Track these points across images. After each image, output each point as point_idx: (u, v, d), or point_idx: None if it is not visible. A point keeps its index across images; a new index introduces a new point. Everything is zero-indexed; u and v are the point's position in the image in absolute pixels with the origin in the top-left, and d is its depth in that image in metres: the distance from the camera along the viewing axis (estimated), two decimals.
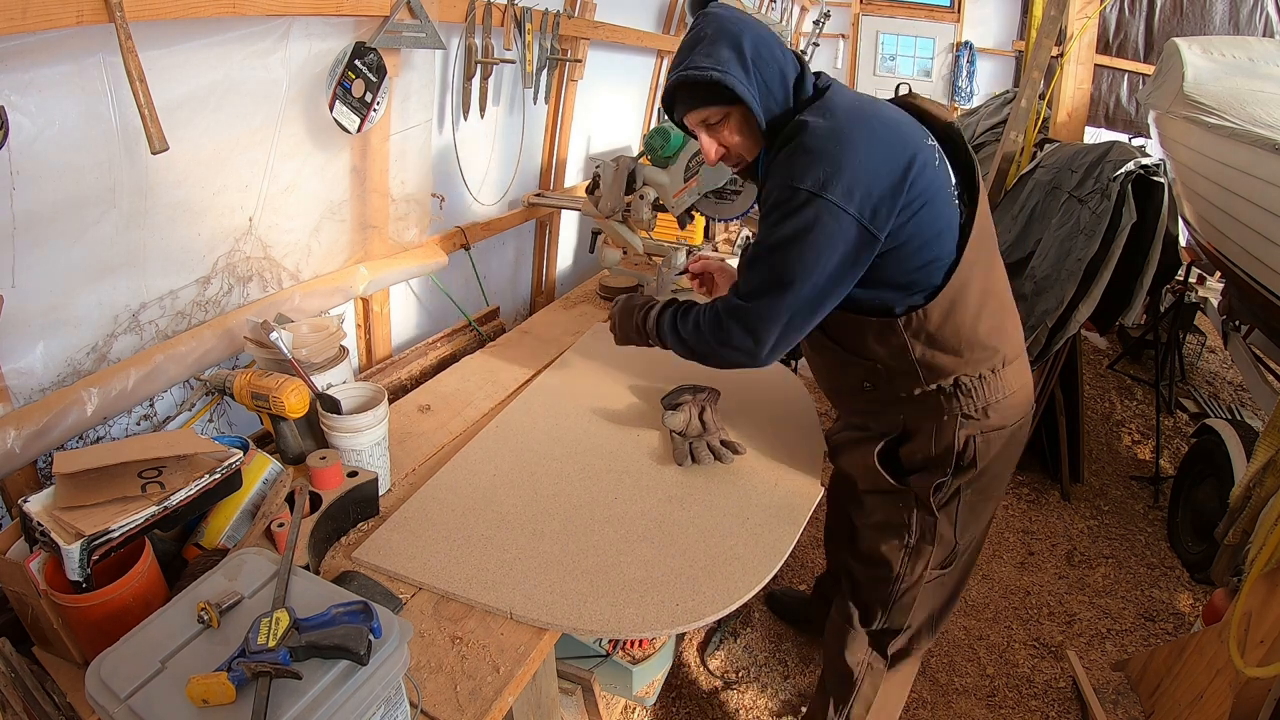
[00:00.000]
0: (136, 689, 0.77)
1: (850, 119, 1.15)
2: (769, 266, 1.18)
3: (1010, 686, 2.13)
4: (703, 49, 1.17)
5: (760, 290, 1.20)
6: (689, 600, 1.16)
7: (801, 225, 1.12)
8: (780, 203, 1.15)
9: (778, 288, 1.17)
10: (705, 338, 1.29)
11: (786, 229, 1.14)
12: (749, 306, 1.21)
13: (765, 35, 1.19)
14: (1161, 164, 2.45)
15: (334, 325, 1.49)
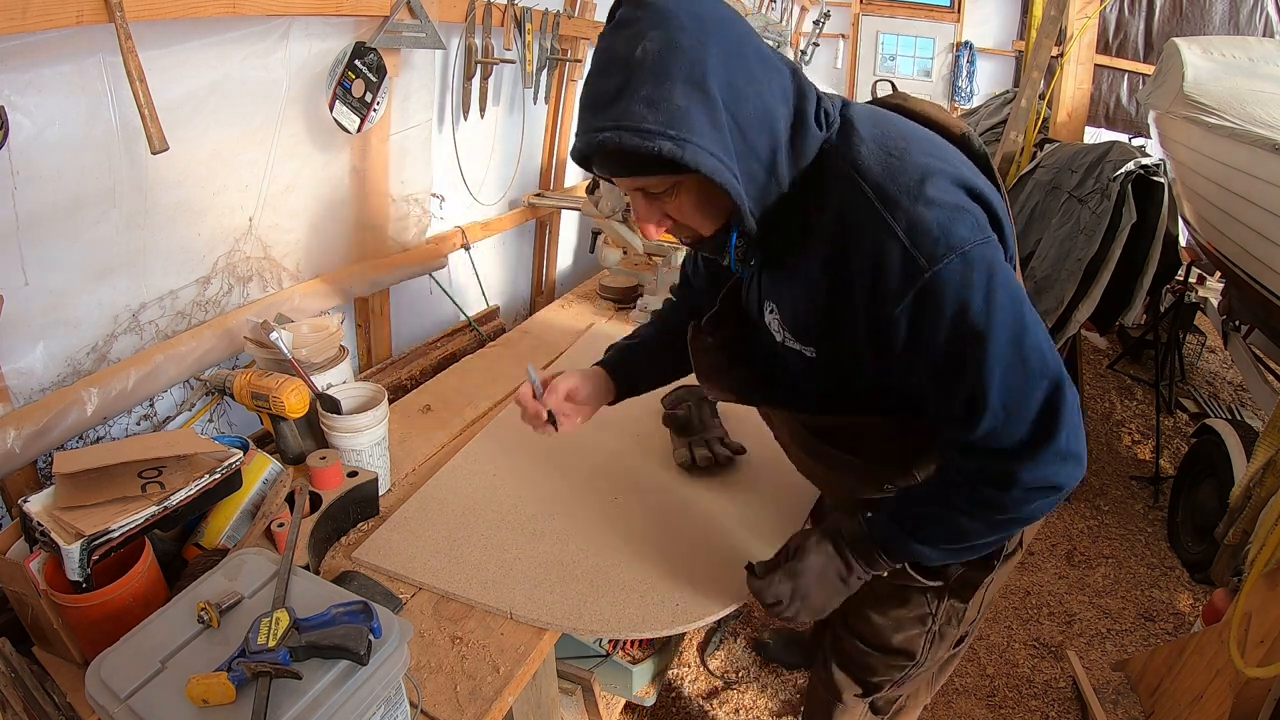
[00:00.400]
0: (136, 689, 0.77)
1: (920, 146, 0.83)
2: (1026, 388, 0.82)
3: (1010, 686, 2.13)
4: (641, 88, 0.73)
5: (1043, 415, 0.83)
6: (689, 600, 1.16)
7: (1006, 299, 0.79)
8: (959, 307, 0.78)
9: (1054, 390, 0.82)
10: (1015, 520, 0.90)
11: (1000, 326, 0.79)
12: (1051, 442, 0.83)
13: (739, 43, 0.78)
14: (1161, 164, 2.45)
15: (334, 325, 1.49)
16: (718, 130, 0.76)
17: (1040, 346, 0.82)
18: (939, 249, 0.77)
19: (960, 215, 0.79)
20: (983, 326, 0.79)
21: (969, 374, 0.81)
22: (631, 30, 0.75)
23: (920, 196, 0.78)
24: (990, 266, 0.79)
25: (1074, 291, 2.51)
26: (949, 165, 0.83)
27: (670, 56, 0.73)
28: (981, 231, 0.80)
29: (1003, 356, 0.80)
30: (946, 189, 0.80)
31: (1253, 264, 2.56)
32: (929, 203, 0.78)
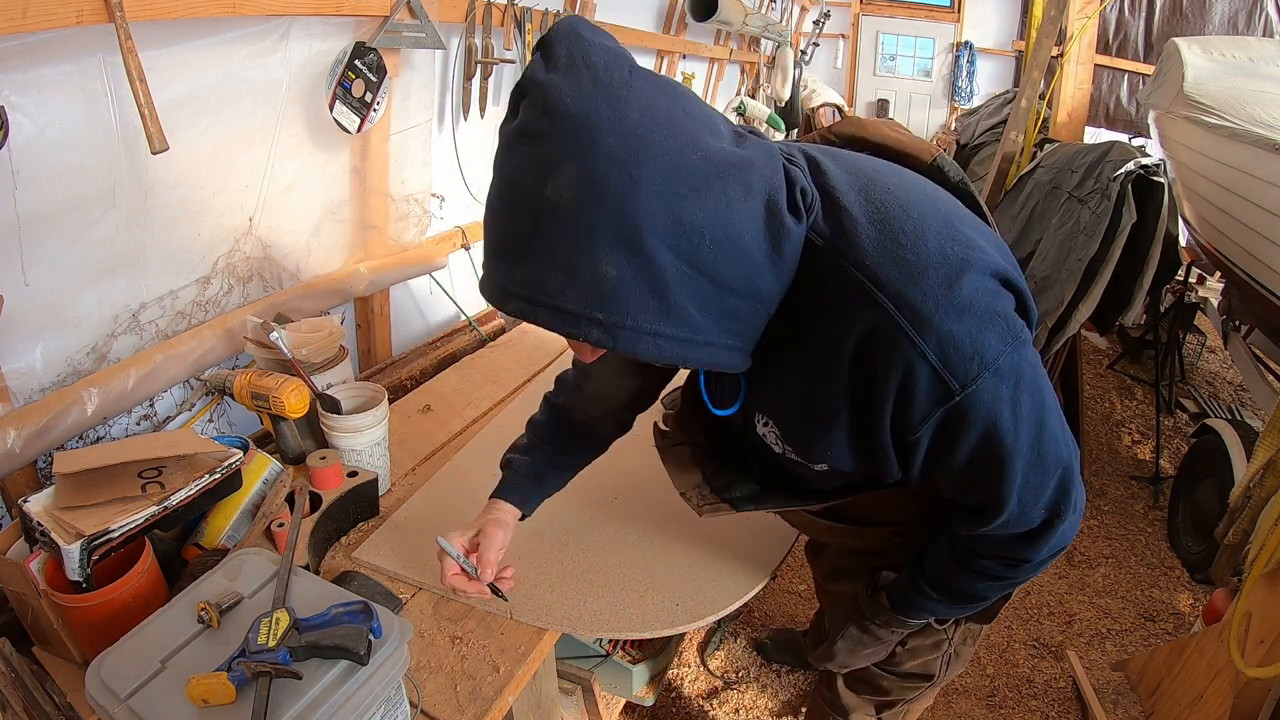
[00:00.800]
0: (136, 689, 0.77)
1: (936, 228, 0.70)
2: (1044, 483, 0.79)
3: (1010, 686, 2.13)
4: (555, 247, 0.58)
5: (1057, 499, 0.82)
6: (689, 600, 1.15)
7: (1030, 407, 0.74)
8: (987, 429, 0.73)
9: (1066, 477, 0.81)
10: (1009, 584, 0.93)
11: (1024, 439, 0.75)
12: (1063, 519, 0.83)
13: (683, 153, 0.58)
14: (1161, 164, 2.45)
15: (334, 325, 1.49)
16: (662, 299, 0.60)
17: (1056, 437, 0.78)
18: (972, 369, 0.68)
19: (993, 322, 0.69)
20: (1009, 441, 0.73)
21: (991, 483, 0.78)
22: (537, 153, 0.58)
23: (951, 307, 0.67)
24: (1018, 374, 0.72)
25: (1074, 291, 2.51)
26: (972, 249, 0.70)
27: (592, 206, 0.56)
28: (1012, 335, 0.70)
29: (1024, 463, 0.76)
30: (977, 289, 0.69)
31: (1253, 264, 2.56)
32: (960, 313, 0.67)
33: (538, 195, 0.57)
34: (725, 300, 0.64)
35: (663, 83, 0.62)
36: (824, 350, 0.73)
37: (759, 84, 5.16)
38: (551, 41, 0.60)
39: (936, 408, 0.70)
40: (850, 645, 1.09)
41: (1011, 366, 0.70)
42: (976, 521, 0.84)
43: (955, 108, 6.74)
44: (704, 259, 0.61)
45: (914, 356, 0.68)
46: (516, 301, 0.62)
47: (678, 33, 3.60)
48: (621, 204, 0.57)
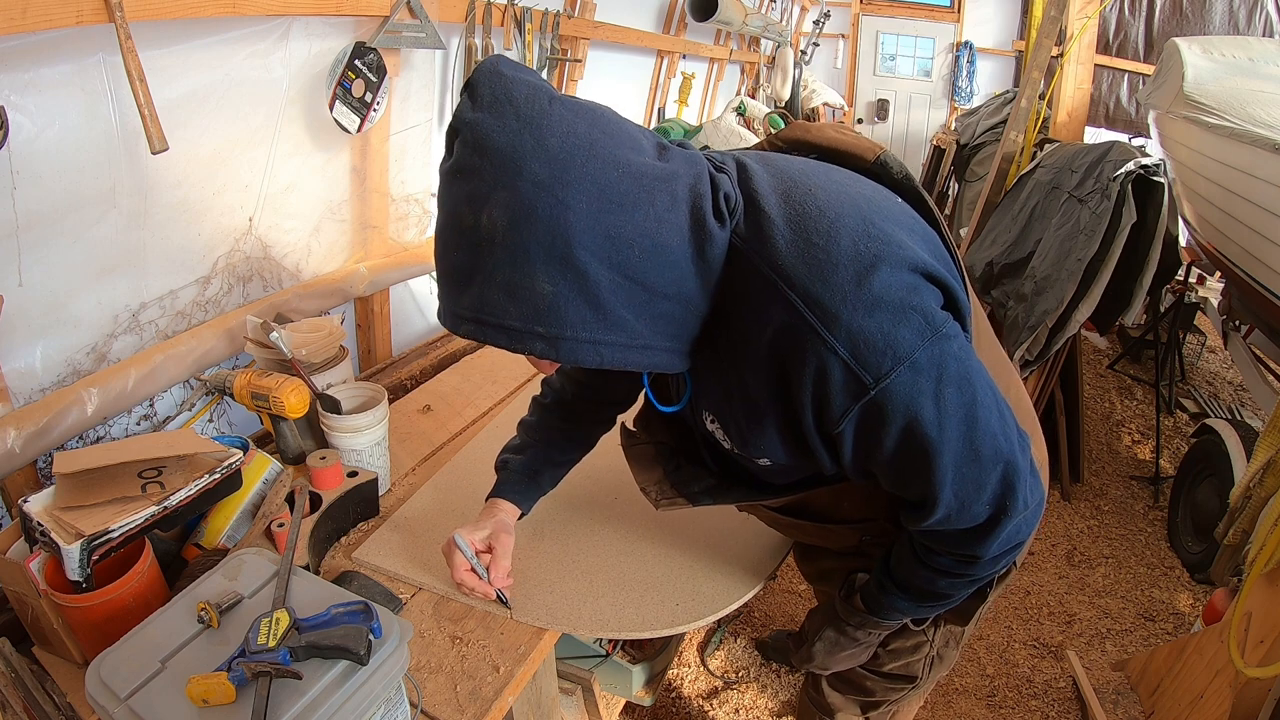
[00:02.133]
0: (136, 689, 0.77)
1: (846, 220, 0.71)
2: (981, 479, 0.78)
3: (1010, 686, 2.13)
4: (496, 270, 0.63)
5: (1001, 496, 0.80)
6: (689, 600, 1.15)
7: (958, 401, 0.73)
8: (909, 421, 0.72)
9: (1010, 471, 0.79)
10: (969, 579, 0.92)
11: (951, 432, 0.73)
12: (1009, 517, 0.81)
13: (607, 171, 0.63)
14: (1161, 164, 2.45)
15: (334, 325, 1.49)
16: (597, 309, 0.65)
17: (992, 431, 0.76)
18: (885, 363, 0.68)
19: (907, 317, 0.69)
20: (934, 435, 0.73)
21: (921, 476, 0.77)
22: (471, 187, 0.62)
23: (860, 302, 0.68)
24: (940, 366, 0.71)
25: (1074, 291, 2.51)
26: (888, 244, 0.70)
27: (524, 229, 0.61)
28: (931, 329, 0.70)
29: (954, 457, 0.75)
30: (890, 284, 0.69)
31: (1253, 264, 2.56)
32: (871, 308, 0.68)
33: (475, 225, 0.63)
34: (658, 305, 0.69)
35: (582, 107, 0.66)
36: (748, 348, 0.75)
37: (759, 84, 5.17)
38: (476, 83, 0.65)
39: (853, 403, 0.71)
40: (827, 647, 1.10)
41: (931, 360, 0.70)
42: (918, 516, 0.83)
43: (955, 108, 6.74)
44: (635, 268, 0.65)
45: (825, 353, 0.69)
46: (467, 324, 0.67)
47: (678, 33, 3.61)
48: (551, 225, 0.62)
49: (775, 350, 0.73)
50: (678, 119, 3.67)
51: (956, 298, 0.75)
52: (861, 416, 0.72)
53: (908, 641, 1.13)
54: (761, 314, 0.72)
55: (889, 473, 0.80)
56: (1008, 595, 2.49)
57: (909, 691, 1.23)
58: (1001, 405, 0.78)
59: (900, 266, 0.70)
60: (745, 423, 0.84)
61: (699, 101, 4.45)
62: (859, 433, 0.74)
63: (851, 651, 1.10)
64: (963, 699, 2.08)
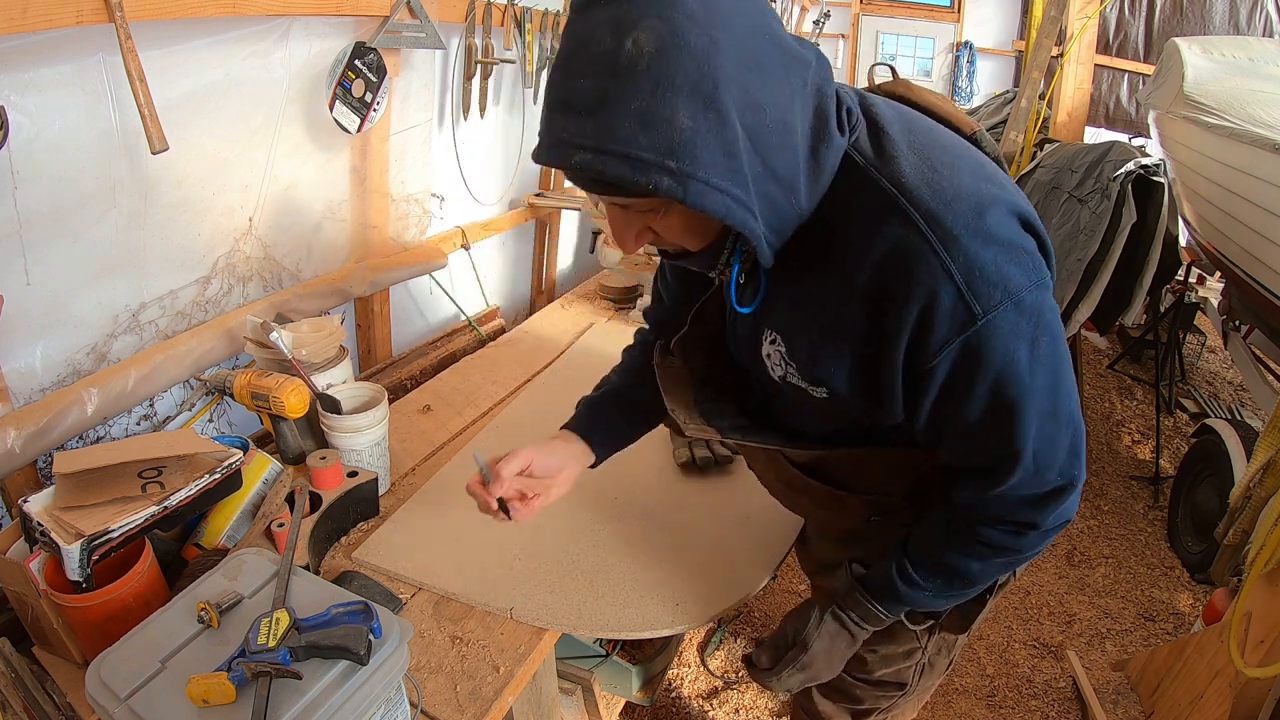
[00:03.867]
0: (136, 689, 0.77)
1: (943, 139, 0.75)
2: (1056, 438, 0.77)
3: (1010, 686, 2.13)
4: (633, 98, 0.59)
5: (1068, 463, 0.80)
6: (689, 600, 1.16)
7: (1050, 352, 0.73)
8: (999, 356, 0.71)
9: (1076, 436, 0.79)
10: (1007, 560, 0.88)
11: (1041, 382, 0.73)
12: (1073, 491, 0.81)
13: (756, 34, 0.62)
14: (1161, 164, 2.45)
15: (334, 325, 1.49)
16: (731, 158, 0.62)
17: (1071, 392, 0.76)
18: (995, 295, 0.68)
19: (1017, 256, 0.70)
20: (1025, 382, 0.72)
21: (1004, 430, 0.75)
22: (617, 12, 0.58)
23: (980, 232, 0.68)
24: (1039, 313, 0.71)
25: (1074, 291, 2.51)
26: (1004, 190, 0.72)
27: (673, 59, 0.57)
28: (1036, 273, 0.70)
29: (1040, 411, 0.74)
30: (1004, 222, 0.70)
31: (1253, 264, 2.56)
32: (987, 240, 0.68)
33: (615, 50, 0.58)
34: (769, 185, 0.66)
35: None
36: (847, 267, 0.73)
37: None
38: None
39: (956, 334, 0.69)
40: (825, 647, 1.01)
41: (1034, 304, 0.70)
42: (988, 482, 0.80)
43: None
44: (761, 137, 0.63)
45: (940, 275, 0.68)
46: (582, 154, 0.61)
47: None
48: (701, 60, 0.58)
49: (881, 270, 0.70)
50: None
51: (1048, 251, 0.75)
52: (960, 352, 0.70)
53: (900, 647, 1.10)
54: (873, 230, 0.70)
55: (968, 427, 0.76)
56: (1008, 595, 2.49)
57: (899, 699, 1.19)
58: (1073, 372, 0.78)
59: (1011, 211, 0.71)
60: (819, 343, 0.80)
61: None
62: (952, 371, 0.72)
63: (841, 655, 1.03)
64: (963, 699, 2.08)
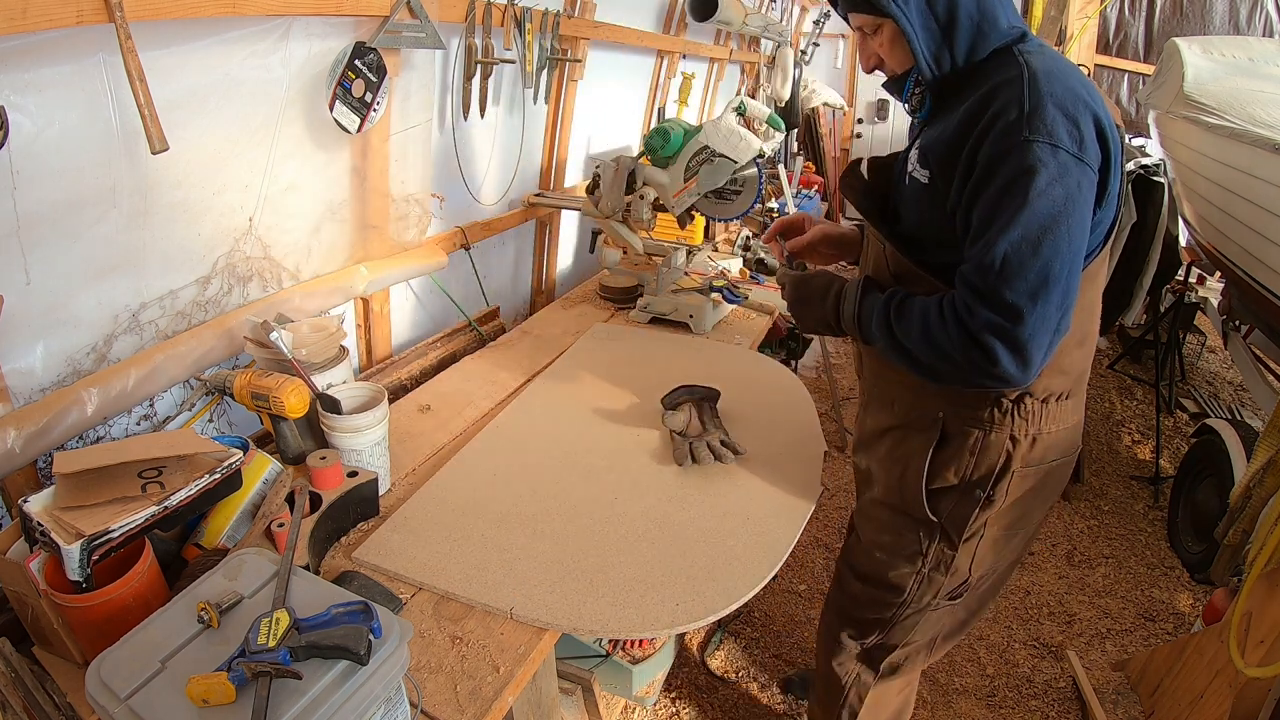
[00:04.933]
0: (136, 689, 0.77)
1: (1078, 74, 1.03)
2: (1027, 261, 0.95)
3: (1010, 686, 2.13)
4: None
5: (1025, 295, 0.96)
6: (689, 600, 1.16)
7: (1061, 198, 0.94)
8: (1027, 167, 0.95)
9: (1044, 288, 0.96)
10: (951, 357, 1.02)
11: (1041, 207, 0.94)
12: (1016, 324, 0.96)
13: None
14: (1161, 164, 2.45)
15: (334, 325, 1.49)
16: (921, 13, 1.04)
17: (1058, 247, 0.95)
18: (1041, 131, 0.95)
19: (1074, 129, 0.95)
20: (1030, 195, 0.95)
21: (999, 219, 0.97)
22: None
23: (1057, 99, 0.96)
24: (1065, 172, 0.94)
25: None
26: (1095, 103, 0.99)
27: None
28: (1081, 149, 0.95)
29: (1027, 227, 0.95)
30: (1082, 113, 0.97)
31: (1253, 264, 2.56)
32: (1060, 108, 0.96)
33: None
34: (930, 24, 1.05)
35: None
36: (975, 99, 1.03)
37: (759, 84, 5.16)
38: None
39: (1006, 138, 0.97)
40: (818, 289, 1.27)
41: (1066, 162, 0.95)
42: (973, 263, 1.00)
43: None
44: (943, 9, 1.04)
45: (1016, 102, 0.97)
46: None
47: (678, 33, 3.60)
48: None
49: (990, 94, 1.00)
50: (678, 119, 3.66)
51: (1110, 158, 1.00)
52: (1002, 149, 0.97)
53: (902, 545, 1.29)
54: (998, 76, 1.02)
55: (981, 213, 1.00)
56: (1008, 595, 2.50)
57: (898, 611, 1.34)
58: (1076, 255, 0.97)
59: (1090, 114, 0.98)
60: (937, 142, 1.08)
61: (699, 101, 4.45)
62: (992, 158, 0.98)
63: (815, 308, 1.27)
64: (963, 699, 2.08)
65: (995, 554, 1.28)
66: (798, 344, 2.85)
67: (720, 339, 2.19)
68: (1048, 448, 1.18)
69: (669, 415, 1.59)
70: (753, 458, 1.53)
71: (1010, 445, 1.15)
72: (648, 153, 2.17)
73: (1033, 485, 1.21)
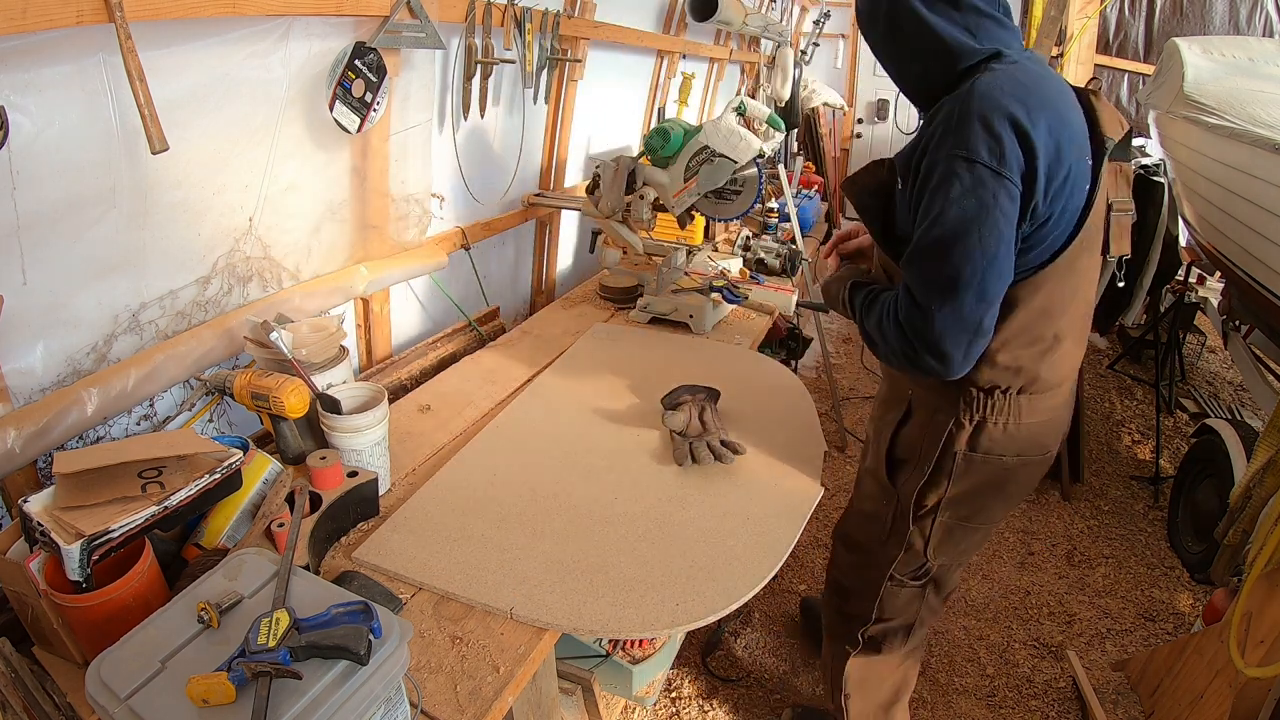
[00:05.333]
0: (136, 689, 0.77)
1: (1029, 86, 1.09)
2: (937, 265, 1.08)
3: (1010, 686, 2.13)
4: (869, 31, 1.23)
5: (935, 296, 1.09)
6: (689, 600, 1.16)
7: (973, 208, 1.05)
8: (946, 178, 1.07)
9: (953, 292, 1.08)
10: (893, 346, 1.19)
11: (953, 215, 1.06)
12: (927, 323, 1.11)
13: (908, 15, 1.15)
14: (1161, 164, 2.45)
15: (334, 325, 1.49)
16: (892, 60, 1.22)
17: (971, 260, 1.06)
18: (961, 145, 1.06)
19: (993, 143, 1.05)
20: (945, 205, 1.07)
21: (924, 220, 1.11)
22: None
23: (983, 115, 1.06)
24: (979, 184, 1.05)
25: None
26: (1024, 109, 1.06)
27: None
28: (1001, 163, 1.05)
29: (933, 236, 1.08)
30: (1003, 126, 1.05)
31: (1253, 264, 2.56)
32: (984, 120, 1.05)
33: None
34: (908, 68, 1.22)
35: None
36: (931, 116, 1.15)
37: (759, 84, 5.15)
38: None
39: (939, 152, 1.09)
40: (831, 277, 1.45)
41: (979, 177, 1.06)
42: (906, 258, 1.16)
43: None
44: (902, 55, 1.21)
45: (950, 115, 1.08)
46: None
47: (678, 33, 3.60)
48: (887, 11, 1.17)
49: (936, 113, 1.13)
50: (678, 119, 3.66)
51: (1036, 159, 1.06)
52: (934, 160, 1.10)
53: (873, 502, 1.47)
54: (949, 98, 1.12)
55: (921, 200, 1.12)
56: (1008, 595, 2.50)
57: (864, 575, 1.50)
58: (990, 261, 1.07)
59: (1008, 126, 1.05)
60: (909, 153, 1.19)
61: (699, 101, 4.45)
62: (929, 169, 1.11)
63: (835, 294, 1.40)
64: (963, 699, 2.08)
65: (951, 543, 1.39)
66: (798, 344, 2.85)
67: (720, 339, 2.19)
68: (995, 440, 1.26)
69: (669, 415, 1.59)
70: (753, 458, 1.53)
71: (954, 428, 1.27)
72: (648, 153, 2.17)
73: (987, 479, 1.29)
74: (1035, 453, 1.29)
